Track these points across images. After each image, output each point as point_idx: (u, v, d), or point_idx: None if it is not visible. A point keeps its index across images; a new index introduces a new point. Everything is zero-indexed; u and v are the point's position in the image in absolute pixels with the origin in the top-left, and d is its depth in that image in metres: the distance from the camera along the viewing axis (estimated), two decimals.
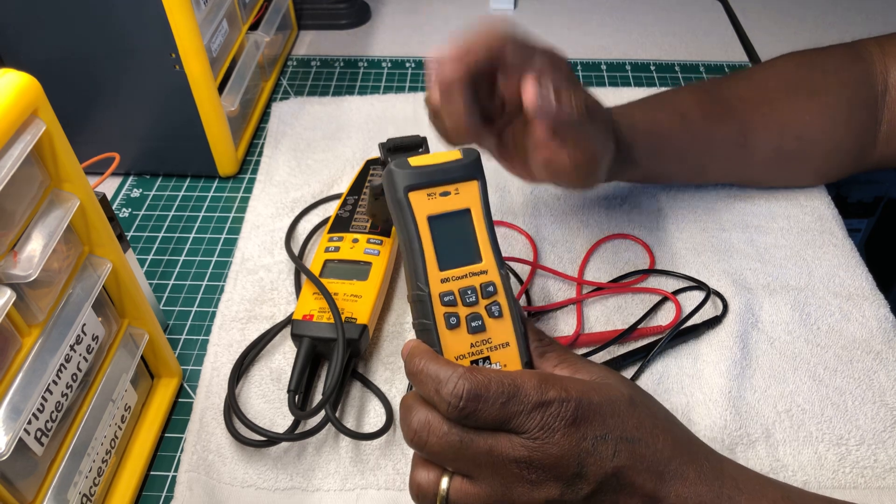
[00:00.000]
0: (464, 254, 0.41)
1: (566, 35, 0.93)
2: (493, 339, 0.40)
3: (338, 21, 0.94)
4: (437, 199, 0.41)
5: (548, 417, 0.36)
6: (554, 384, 0.37)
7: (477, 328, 0.40)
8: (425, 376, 0.38)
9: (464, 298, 0.40)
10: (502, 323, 0.40)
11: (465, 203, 0.41)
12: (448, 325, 0.39)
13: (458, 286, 0.40)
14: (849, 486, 0.48)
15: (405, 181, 0.40)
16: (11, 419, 0.37)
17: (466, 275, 0.40)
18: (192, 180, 0.72)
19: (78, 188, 0.41)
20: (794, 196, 0.67)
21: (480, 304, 0.40)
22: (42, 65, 0.63)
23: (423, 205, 0.40)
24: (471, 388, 0.36)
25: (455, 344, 0.39)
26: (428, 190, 0.41)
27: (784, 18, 0.94)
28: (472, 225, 0.41)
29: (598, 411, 0.37)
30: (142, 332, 0.50)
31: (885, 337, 0.56)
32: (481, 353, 0.40)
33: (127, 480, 0.48)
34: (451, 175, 0.41)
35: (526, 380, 0.36)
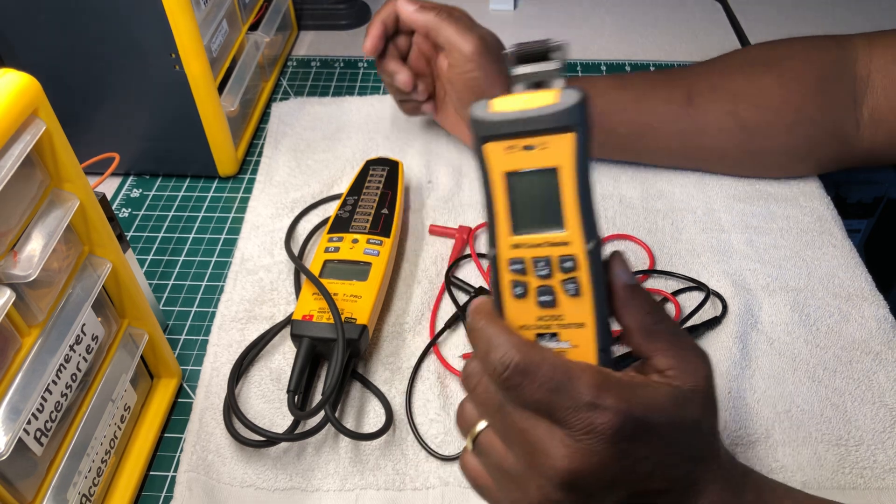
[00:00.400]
0: (543, 219, 0.34)
1: (566, 35, 0.93)
2: (565, 317, 0.35)
3: (338, 21, 0.94)
4: (519, 152, 0.34)
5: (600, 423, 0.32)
6: (613, 390, 0.33)
7: (547, 303, 0.35)
8: (480, 336, 0.35)
9: (536, 269, 0.35)
10: (579, 302, 0.35)
11: (552, 160, 0.34)
12: (514, 293, 0.35)
13: (531, 254, 0.35)
14: (848, 486, 0.48)
15: (482, 131, 0.34)
16: (11, 419, 0.37)
17: (543, 243, 0.34)
18: (191, 180, 0.72)
19: (78, 188, 0.41)
20: (794, 197, 0.67)
21: (555, 278, 0.35)
22: (42, 65, 0.63)
23: (501, 159, 0.34)
24: (520, 361, 0.33)
25: (520, 314, 0.35)
26: (509, 142, 0.34)
27: (783, 19, 0.94)
28: (557, 187, 0.34)
29: (650, 432, 0.33)
30: (141, 333, 0.50)
31: (884, 338, 0.56)
32: (549, 327, 0.35)
33: (126, 480, 0.48)
34: (539, 126, 0.33)
35: (584, 375, 0.33)
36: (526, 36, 0.96)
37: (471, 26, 0.63)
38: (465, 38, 0.61)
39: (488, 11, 0.97)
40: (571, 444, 0.33)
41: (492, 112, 0.34)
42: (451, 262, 0.61)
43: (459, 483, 0.48)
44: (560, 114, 0.33)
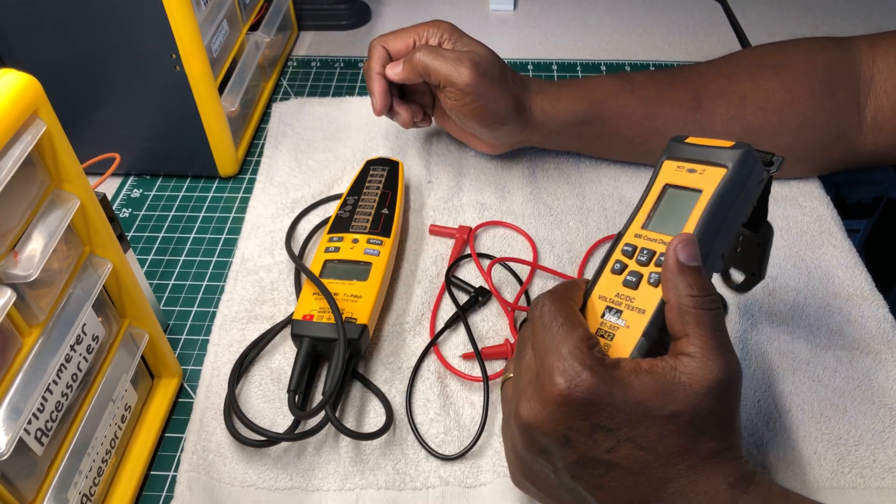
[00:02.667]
0: (669, 224, 0.42)
1: (566, 35, 0.93)
2: (636, 300, 0.40)
3: (338, 22, 0.94)
4: (682, 172, 0.43)
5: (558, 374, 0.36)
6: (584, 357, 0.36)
7: (630, 283, 0.41)
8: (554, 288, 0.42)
9: (639, 255, 0.41)
10: (653, 292, 0.40)
11: (700, 184, 0.42)
12: (613, 268, 0.42)
13: (644, 245, 0.42)
14: (848, 486, 0.48)
15: (672, 152, 0.44)
16: (11, 419, 0.37)
17: (657, 240, 0.41)
18: (192, 180, 0.72)
19: (78, 188, 0.41)
20: (794, 196, 0.67)
21: (648, 268, 0.41)
22: (42, 65, 0.63)
23: (668, 173, 0.43)
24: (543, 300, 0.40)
25: (607, 285, 0.42)
26: (679, 163, 0.43)
27: (783, 19, 0.94)
28: (693, 204, 0.41)
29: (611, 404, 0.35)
30: (142, 332, 0.50)
31: (884, 337, 0.56)
32: (619, 304, 0.41)
33: (127, 480, 0.48)
34: (704, 156, 0.42)
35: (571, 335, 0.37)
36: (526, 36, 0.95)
37: (459, 56, 0.60)
38: (458, 72, 0.59)
39: (488, 11, 0.97)
40: (534, 394, 0.37)
41: (689, 142, 0.44)
42: (451, 262, 0.61)
43: (459, 483, 0.49)
44: (727, 155, 0.41)
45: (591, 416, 0.36)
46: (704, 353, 0.36)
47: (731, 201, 0.41)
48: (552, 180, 0.69)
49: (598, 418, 0.36)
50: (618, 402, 0.36)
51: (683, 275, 0.38)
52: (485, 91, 0.60)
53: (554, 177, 0.70)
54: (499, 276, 0.61)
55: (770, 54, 0.65)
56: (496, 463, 0.49)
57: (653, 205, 0.43)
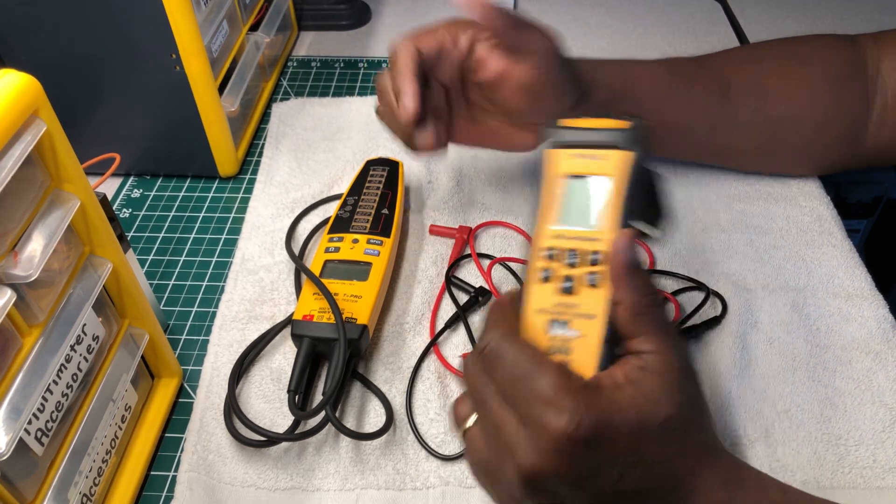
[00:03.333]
0: (584, 218, 0.39)
1: (566, 35, 0.92)
2: (580, 307, 0.38)
3: (338, 22, 0.94)
4: (580, 159, 0.40)
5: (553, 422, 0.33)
6: (574, 396, 0.34)
7: (567, 290, 0.38)
8: (486, 319, 0.39)
9: (565, 258, 0.38)
10: (595, 294, 0.37)
11: (607, 170, 0.39)
12: (540, 276, 0.39)
13: (565, 245, 0.39)
14: (848, 486, 0.48)
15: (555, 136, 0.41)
16: (12, 419, 0.37)
17: (578, 237, 0.39)
18: (192, 181, 0.72)
19: (78, 188, 0.41)
20: (794, 197, 0.67)
21: (580, 270, 0.38)
22: (42, 65, 0.63)
23: (565, 162, 0.40)
24: (498, 345, 0.36)
25: (541, 297, 0.38)
26: (574, 151, 0.40)
27: (783, 19, 0.94)
28: (607, 194, 0.39)
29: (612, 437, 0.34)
30: (142, 333, 0.50)
31: (884, 337, 0.56)
32: (563, 314, 0.38)
33: (127, 480, 0.48)
34: (604, 141, 0.40)
35: (549, 372, 0.34)
36: None
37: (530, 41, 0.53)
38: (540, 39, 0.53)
39: None
40: (531, 443, 0.34)
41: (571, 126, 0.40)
42: (451, 262, 0.61)
43: (460, 483, 0.49)
44: (629, 137, 0.39)
45: (599, 448, 0.34)
46: (665, 348, 0.36)
47: (640, 182, 0.39)
48: None
49: (605, 449, 0.34)
50: (619, 427, 0.34)
51: (635, 276, 0.36)
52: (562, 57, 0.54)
53: None
54: (499, 276, 0.61)
55: (792, 47, 0.65)
56: None
57: (561, 200, 0.39)
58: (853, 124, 0.63)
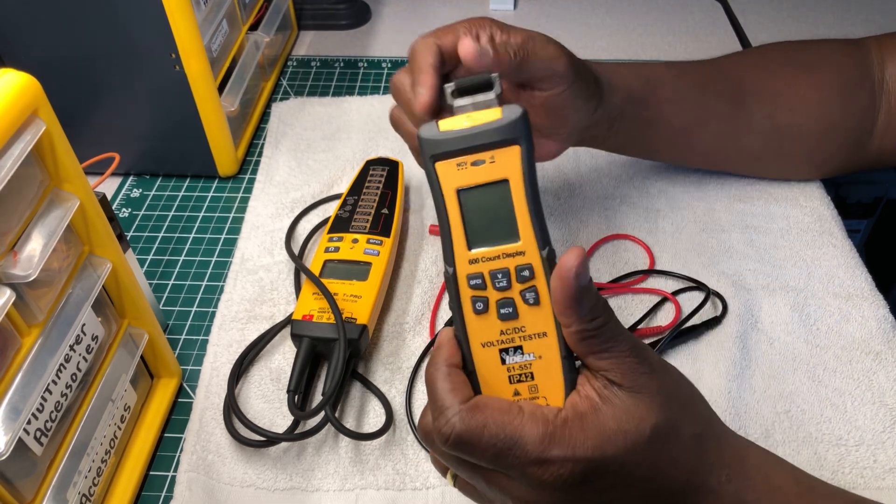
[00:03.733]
0: (497, 232, 0.35)
1: (566, 35, 0.92)
2: (527, 328, 0.35)
3: (338, 21, 0.94)
4: (469, 168, 0.35)
5: (548, 476, 0.33)
6: (560, 441, 0.33)
7: (508, 315, 0.35)
8: (431, 392, 0.36)
9: (494, 282, 0.35)
10: (539, 311, 0.35)
11: (501, 173, 0.35)
12: (475, 309, 0.35)
13: (488, 268, 0.35)
14: (848, 486, 0.48)
15: (431, 150, 0.35)
16: (11, 419, 0.37)
17: (499, 255, 0.35)
18: (192, 180, 0.72)
19: (78, 188, 0.41)
20: (794, 197, 0.67)
21: (514, 289, 0.35)
22: (42, 65, 0.63)
23: (452, 176, 0.35)
24: (462, 432, 0.33)
25: (482, 330, 0.36)
26: (458, 159, 0.35)
27: (784, 19, 0.94)
28: (509, 198, 0.35)
29: (606, 467, 0.34)
30: (141, 332, 0.50)
31: (884, 337, 0.56)
32: (513, 341, 0.35)
33: (126, 480, 0.48)
34: (485, 140, 0.35)
35: (528, 432, 0.33)
36: None
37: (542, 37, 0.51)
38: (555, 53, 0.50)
39: (488, 11, 0.97)
40: (531, 492, 0.34)
41: (441, 132, 0.35)
42: None
43: None
44: (505, 128, 0.35)
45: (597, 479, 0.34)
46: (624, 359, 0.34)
47: (535, 174, 0.36)
48: (552, 181, 0.69)
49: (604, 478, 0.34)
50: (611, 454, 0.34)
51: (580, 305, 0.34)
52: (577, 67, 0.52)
53: (553, 177, 0.70)
54: None
55: (801, 52, 0.64)
56: None
57: (460, 220, 0.35)
58: (859, 130, 0.63)
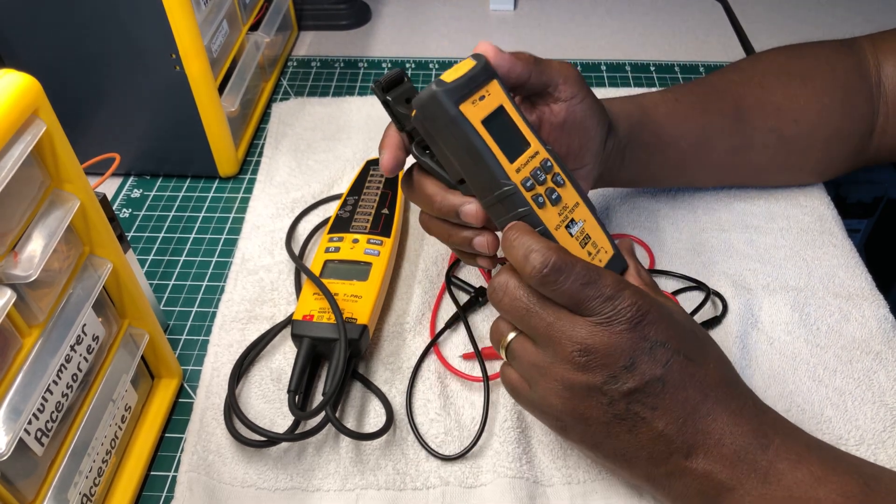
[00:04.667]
0: (518, 144, 0.44)
1: (566, 35, 0.93)
2: (568, 204, 0.44)
3: (338, 22, 0.94)
4: (479, 103, 0.44)
5: (619, 309, 0.40)
6: (630, 286, 0.41)
7: (556, 199, 0.44)
8: (519, 244, 0.42)
9: (537, 179, 0.44)
10: (567, 188, 0.45)
11: (498, 101, 0.44)
12: (538, 203, 0.43)
13: (528, 170, 0.44)
14: None
15: (453, 97, 0.43)
16: (11, 419, 0.37)
17: (528, 160, 0.44)
18: (192, 181, 0.72)
19: (78, 188, 0.41)
20: (794, 196, 0.67)
21: (548, 180, 0.44)
22: (42, 65, 0.63)
23: (473, 112, 0.43)
24: (558, 260, 0.40)
25: (550, 218, 0.44)
26: (470, 98, 0.43)
27: (784, 19, 0.94)
28: (510, 117, 0.45)
29: (666, 321, 0.40)
30: (142, 333, 0.50)
31: (884, 337, 0.56)
32: (567, 218, 0.44)
33: (127, 480, 0.48)
34: (478, 80, 0.44)
35: (608, 274, 0.41)
36: (526, 36, 0.96)
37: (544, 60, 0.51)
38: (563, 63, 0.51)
39: (488, 11, 0.97)
40: (593, 326, 0.40)
41: (452, 81, 0.43)
42: (452, 262, 0.61)
43: (460, 483, 0.49)
44: (484, 69, 0.44)
45: (651, 334, 0.40)
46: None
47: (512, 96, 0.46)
48: None
49: (656, 335, 0.40)
50: (664, 320, 0.40)
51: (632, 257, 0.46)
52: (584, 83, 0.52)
53: None
54: None
55: (794, 62, 0.64)
56: (496, 463, 0.49)
57: (496, 143, 0.43)
58: (860, 134, 0.63)
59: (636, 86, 0.84)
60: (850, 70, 0.62)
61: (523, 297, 0.42)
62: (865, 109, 0.62)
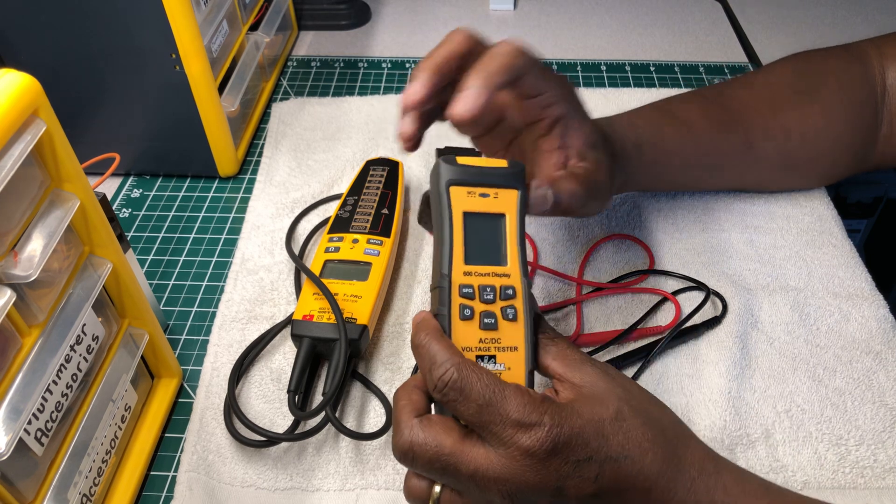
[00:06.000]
0: (490, 254, 0.42)
1: (566, 35, 0.93)
2: (502, 340, 0.40)
3: (338, 21, 0.94)
4: (476, 198, 0.42)
5: (527, 440, 0.36)
6: (539, 408, 0.36)
7: (489, 325, 0.40)
8: (425, 352, 0.39)
9: (482, 294, 0.41)
10: (515, 327, 0.41)
11: (501, 208, 0.42)
12: (462, 315, 0.40)
13: (478, 282, 0.41)
14: (848, 486, 0.48)
15: (448, 175, 0.42)
16: (11, 419, 0.37)
17: (489, 274, 0.41)
18: (192, 180, 0.72)
19: (78, 188, 0.41)
20: (794, 196, 0.67)
21: (497, 304, 0.41)
22: (42, 65, 0.63)
23: (462, 200, 0.42)
24: (457, 379, 0.37)
25: (465, 335, 0.40)
26: (468, 188, 0.42)
27: (783, 19, 0.94)
28: (504, 230, 0.42)
29: (581, 435, 0.36)
30: (142, 333, 0.50)
31: (884, 337, 0.56)
32: (488, 350, 0.40)
33: (127, 480, 0.48)
34: (493, 179, 0.43)
35: (513, 395, 0.36)
36: (526, 36, 0.96)
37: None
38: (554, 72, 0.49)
39: (488, 11, 0.97)
40: (509, 465, 0.36)
41: (459, 164, 0.43)
42: None
43: None
44: (511, 174, 0.43)
45: (572, 456, 0.36)
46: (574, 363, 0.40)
47: (525, 218, 0.43)
48: None
49: (578, 449, 0.36)
50: (583, 427, 0.36)
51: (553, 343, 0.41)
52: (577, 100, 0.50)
53: None
54: None
55: (803, 77, 0.63)
56: None
57: (463, 238, 0.41)
58: (863, 144, 0.63)
59: (636, 86, 0.83)
60: (857, 82, 0.62)
61: (434, 453, 0.37)
62: (871, 120, 0.62)
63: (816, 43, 0.65)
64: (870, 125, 0.62)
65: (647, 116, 0.59)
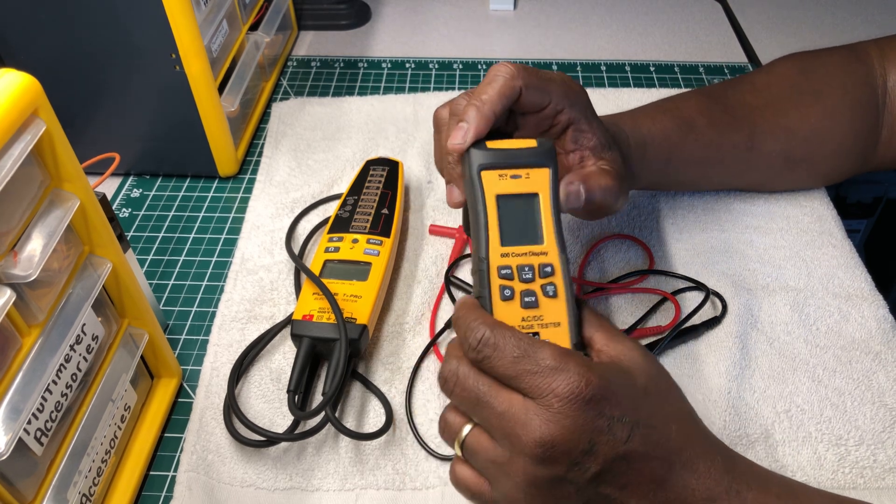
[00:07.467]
0: (526, 234, 0.42)
1: (566, 35, 0.93)
2: (544, 317, 0.41)
3: (338, 21, 0.94)
4: (508, 180, 0.43)
5: (563, 385, 0.36)
6: (574, 358, 0.37)
7: (530, 304, 0.41)
8: (462, 322, 0.40)
9: (520, 274, 0.41)
10: (556, 303, 0.41)
11: (534, 187, 0.43)
12: (502, 296, 0.41)
13: (517, 262, 0.41)
14: (848, 486, 0.48)
15: (479, 160, 0.43)
16: (11, 419, 0.37)
17: (526, 253, 0.42)
18: (192, 180, 0.72)
19: (78, 188, 0.41)
20: (794, 196, 0.67)
21: (536, 283, 0.41)
22: (42, 65, 0.63)
23: (494, 184, 0.43)
24: (490, 335, 0.38)
25: (507, 315, 0.41)
26: (500, 171, 0.43)
27: (783, 19, 0.94)
28: (538, 209, 0.43)
29: (616, 393, 0.37)
30: (142, 332, 0.50)
31: (884, 338, 0.56)
32: (531, 327, 0.41)
33: (126, 480, 0.48)
34: (523, 160, 0.43)
35: (546, 347, 0.37)
36: (526, 36, 0.96)
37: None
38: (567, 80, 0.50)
39: (488, 11, 0.97)
40: (543, 413, 0.36)
41: (489, 148, 0.43)
42: (451, 262, 0.61)
43: None
44: (541, 153, 0.43)
45: (607, 410, 0.37)
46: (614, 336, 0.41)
47: (558, 194, 0.44)
48: None
49: (612, 405, 0.37)
50: (617, 385, 0.37)
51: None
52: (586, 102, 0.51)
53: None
54: None
55: (807, 78, 0.63)
56: None
57: (498, 221, 0.42)
58: (865, 146, 0.63)
59: (636, 86, 0.83)
60: (860, 84, 0.62)
61: (472, 385, 0.39)
62: (872, 122, 0.62)
63: (816, 43, 0.65)
64: (871, 127, 0.62)
65: (650, 115, 0.59)
